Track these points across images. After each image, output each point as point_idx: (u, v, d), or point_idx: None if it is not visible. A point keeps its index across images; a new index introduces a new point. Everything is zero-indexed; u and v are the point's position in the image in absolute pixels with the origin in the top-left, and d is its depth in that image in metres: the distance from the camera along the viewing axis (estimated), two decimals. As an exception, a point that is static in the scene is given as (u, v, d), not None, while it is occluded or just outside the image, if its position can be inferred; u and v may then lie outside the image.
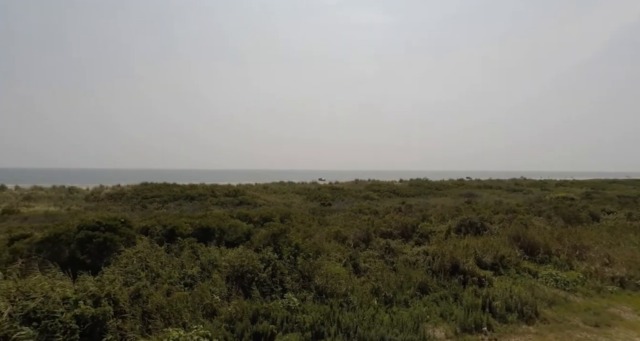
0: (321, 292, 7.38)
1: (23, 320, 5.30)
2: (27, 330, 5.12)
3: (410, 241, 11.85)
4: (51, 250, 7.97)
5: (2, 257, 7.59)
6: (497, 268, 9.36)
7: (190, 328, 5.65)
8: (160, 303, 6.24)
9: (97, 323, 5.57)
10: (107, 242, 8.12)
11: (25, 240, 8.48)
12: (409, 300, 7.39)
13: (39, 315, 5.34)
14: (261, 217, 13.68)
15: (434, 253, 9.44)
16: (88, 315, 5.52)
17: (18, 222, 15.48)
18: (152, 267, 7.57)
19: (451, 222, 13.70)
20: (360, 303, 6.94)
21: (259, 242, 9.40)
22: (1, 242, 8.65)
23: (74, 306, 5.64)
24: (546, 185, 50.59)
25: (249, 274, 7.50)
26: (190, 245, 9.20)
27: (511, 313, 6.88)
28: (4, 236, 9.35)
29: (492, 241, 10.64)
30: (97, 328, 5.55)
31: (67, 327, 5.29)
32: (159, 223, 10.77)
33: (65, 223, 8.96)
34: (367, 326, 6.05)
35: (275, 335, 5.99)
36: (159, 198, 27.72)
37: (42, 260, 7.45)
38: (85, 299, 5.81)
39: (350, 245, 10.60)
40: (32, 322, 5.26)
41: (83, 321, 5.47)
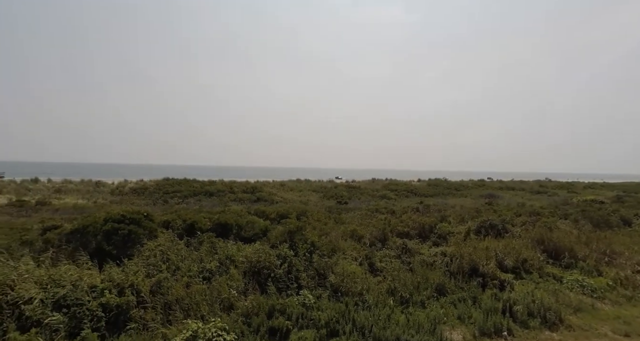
0: (336, 290, 7.39)
1: (54, 306, 5.60)
2: (57, 315, 5.41)
3: (427, 241, 11.65)
4: (80, 240, 8.37)
5: (36, 246, 8.04)
6: (518, 271, 9.06)
7: (209, 320, 5.80)
8: (179, 296, 6.43)
9: (121, 312, 5.81)
10: (131, 234, 8.43)
11: (56, 230, 8.94)
12: (425, 301, 7.27)
13: (68, 302, 5.63)
14: (278, 214, 13.82)
15: (452, 255, 9.23)
16: (113, 304, 5.77)
17: (50, 213, 16.35)
18: (173, 260, 7.81)
19: (471, 223, 13.35)
20: (375, 303, 6.90)
21: (276, 238, 9.50)
22: (34, 232, 9.17)
23: (100, 295, 5.91)
24: (573, 188, 48.39)
25: (266, 270, 7.60)
26: (209, 239, 9.42)
27: (533, 318, 6.64)
28: (37, 226, 9.91)
29: (514, 244, 10.29)
30: (121, 317, 5.79)
31: (94, 315, 5.56)
32: (179, 217, 11.08)
33: (93, 216, 9.39)
34: (382, 326, 6.01)
35: (290, 330, 6.05)
36: (179, 193, 28.54)
37: (72, 250, 7.85)
38: (110, 288, 6.08)
39: (366, 244, 10.54)
40: (62, 309, 5.56)
41: (108, 310, 5.73)
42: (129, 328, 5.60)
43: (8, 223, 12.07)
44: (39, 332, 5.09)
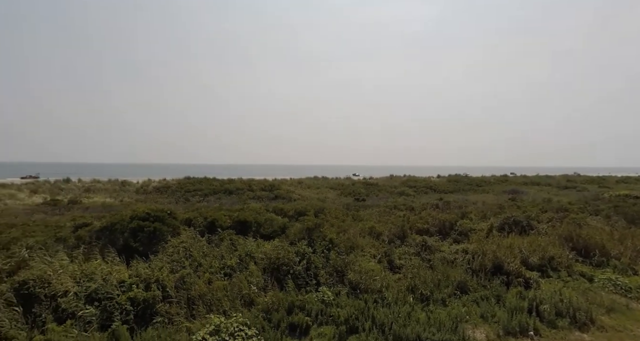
0: (355, 287, 7.38)
1: (86, 299, 5.91)
2: (90, 308, 5.71)
3: (448, 239, 11.41)
4: (108, 237, 8.77)
5: (69, 243, 8.50)
6: (545, 269, 8.72)
7: (230, 315, 5.95)
8: (202, 291, 6.62)
9: (148, 306, 6.06)
10: (156, 231, 8.75)
11: (87, 227, 9.41)
12: (446, 299, 7.14)
13: (99, 296, 5.93)
14: (296, 211, 13.93)
15: (474, 252, 9.01)
16: (140, 298, 6.02)
17: (80, 212, 17.22)
18: (195, 257, 8.04)
19: (493, 219, 12.95)
20: (395, 300, 6.84)
21: (294, 235, 9.59)
22: (67, 229, 9.69)
23: (128, 290, 6.18)
24: (605, 182, 45.92)
25: (285, 267, 7.70)
26: (229, 237, 9.63)
27: (562, 318, 6.38)
28: (69, 224, 10.47)
29: (540, 241, 9.91)
30: (148, 311, 6.03)
31: (123, 308, 5.82)
32: (200, 215, 11.39)
33: (120, 214, 9.81)
34: (402, 323, 5.96)
35: (310, 326, 6.11)
36: (200, 191, 29.31)
37: (102, 247, 8.24)
38: (137, 283, 6.35)
39: (384, 241, 10.45)
40: (94, 302, 5.86)
41: (136, 304, 5.98)
42: (156, 322, 5.83)
43: (44, 221, 12.82)
44: (74, 324, 5.39)
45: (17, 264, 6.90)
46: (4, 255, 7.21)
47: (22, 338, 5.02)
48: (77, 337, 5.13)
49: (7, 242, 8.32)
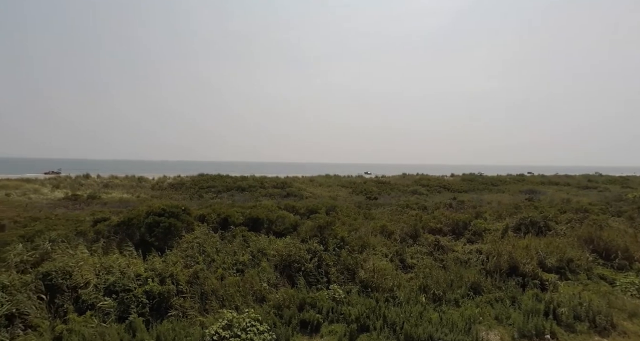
0: (366, 286, 7.36)
1: (105, 291, 6.12)
2: (108, 300, 5.90)
3: (461, 238, 11.22)
4: (125, 232, 9.02)
5: (88, 236, 8.79)
6: (563, 272, 8.47)
7: (242, 311, 6.04)
8: (215, 286, 6.75)
9: (163, 300, 6.22)
10: (171, 227, 8.94)
11: (105, 222, 9.70)
12: (459, 299, 7.04)
13: (117, 288, 6.12)
14: (307, 209, 13.96)
15: (489, 253, 8.84)
16: (156, 292, 6.18)
17: (99, 207, 17.78)
18: (208, 252, 8.19)
19: (509, 220, 12.65)
20: (407, 300, 6.79)
21: (306, 233, 9.62)
22: (87, 224, 10.02)
23: (144, 283, 6.35)
24: (628, 182, 44.11)
25: (296, 264, 7.75)
26: (242, 233, 9.75)
27: (580, 322, 6.20)
28: (89, 218, 10.82)
29: (558, 242, 9.63)
30: (163, 304, 6.19)
31: (139, 301, 5.99)
32: (214, 211, 11.57)
33: (136, 209, 10.07)
34: (414, 323, 5.91)
35: (321, 324, 6.14)
36: (213, 188, 29.78)
37: (119, 241, 8.49)
38: (153, 277, 6.52)
39: (396, 240, 10.37)
40: (112, 294, 6.06)
41: (152, 297, 6.15)
42: (170, 315, 5.98)
43: (65, 215, 13.30)
44: (93, 314, 5.59)
45: (40, 256, 7.20)
46: (29, 247, 7.53)
47: (45, 326, 5.24)
48: (97, 328, 5.31)
49: (32, 234, 8.68)
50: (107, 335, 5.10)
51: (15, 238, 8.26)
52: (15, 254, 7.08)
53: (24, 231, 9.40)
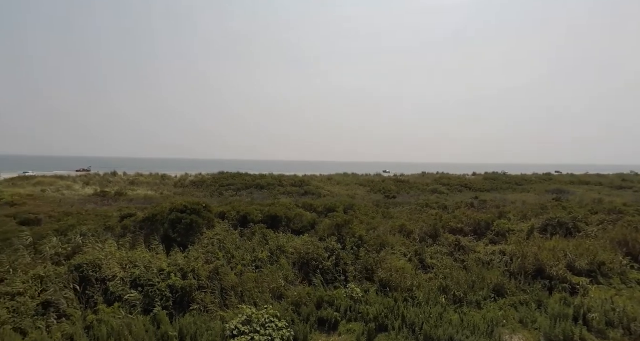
0: (385, 285, 7.29)
1: (131, 284, 6.38)
2: (135, 293, 6.16)
3: (483, 239, 10.90)
4: (150, 227, 9.37)
5: (116, 231, 9.20)
6: (594, 276, 8.06)
7: (261, 307, 6.13)
8: (234, 282, 6.89)
9: (185, 294, 6.41)
10: (193, 223, 9.21)
11: (132, 218, 10.11)
12: (481, 301, 6.84)
13: (142, 282, 6.37)
14: (325, 208, 13.98)
15: (513, 254, 8.53)
16: (178, 286, 6.38)
17: (126, 203, 18.53)
18: (228, 249, 8.37)
19: (534, 220, 12.16)
20: (426, 300, 6.67)
21: (324, 231, 9.64)
22: (115, 219, 10.48)
23: (167, 278, 6.58)
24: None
25: (314, 262, 7.78)
26: (261, 231, 9.90)
27: (613, 328, 5.88)
28: (116, 214, 11.31)
29: (588, 244, 9.16)
30: (185, 298, 6.39)
31: (163, 295, 6.21)
32: (233, 209, 11.80)
33: (160, 206, 10.42)
34: (434, 324, 5.80)
35: (339, 322, 6.15)
36: (233, 186, 30.36)
37: (145, 236, 8.83)
38: (175, 272, 6.73)
39: (416, 240, 10.20)
40: (137, 287, 6.31)
41: (175, 291, 6.35)
42: (192, 309, 6.16)
43: (94, 211, 13.97)
44: (121, 306, 5.85)
45: (73, 249, 7.61)
46: (63, 240, 7.97)
47: (77, 316, 5.54)
48: (124, 319, 5.55)
49: (65, 228, 9.18)
50: (133, 326, 5.31)
51: (50, 232, 8.77)
52: (50, 247, 7.53)
53: (58, 225, 9.96)
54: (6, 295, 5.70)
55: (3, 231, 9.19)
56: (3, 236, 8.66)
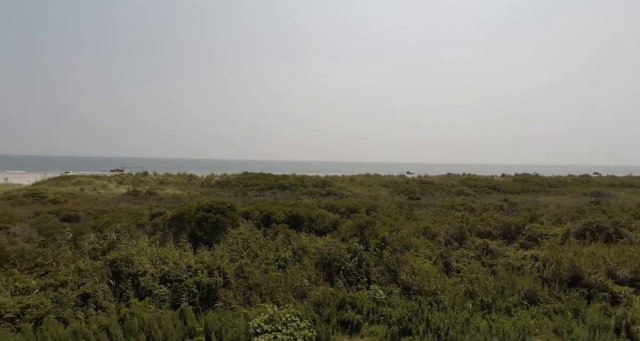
0: (408, 288, 7.15)
1: (161, 280, 6.66)
2: (164, 288, 6.42)
3: (513, 243, 10.41)
4: (178, 226, 9.74)
5: (146, 229, 9.64)
6: (638, 285, 7.47)
7: (283, 306, 6.20)
8: (258, 281, 7.01)
9: (211, 291, 6.61)
10: (218, 222, 9.47)
11: (161, 216, 10.56)
12: (511, 308, 6.54)
13: (171, 278, 6.63)
14: (347, 208, 13.91)
15: (546, 259, 8.10)
16: (204, 283, 6.59)
17: (156, 202, 19.37)
18: (252, 248, 8.54)
19: (570, 224, 11.46)
20: (452, 305, 6.48)
21: (346, 232, 9.61)
22: (145, 217, 10.99)
23: (194, 274, 6.81)
24: None
25: (336, 262, 7.76)
26: (283, 230, 10.02)
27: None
28: (147, 212, 11.85)
29: (632, 251, 8.51)
30: (210, 295, 6.58)
31: (190, 291, 6.43)
32: (257, 208, 12.02)
33: (187, 205, 10.82)
34: (460, 329, 5.62)
35: (361, 324, 6.09)
36: (256, 186, 30.94)
37: (173, 234, 9.19)
38: (202, 269, 6.96)
39: (440, 243, 9.92)
40: (166, 283, 6.57)
41: (201, 288, 6.56)
42: (217, 306, 6.34)
43: (127, 209, 14.71)
44: (151, 301, 6.12)
45: (108, 245, 8.06)
46: (99, 236, 8.47)
47: (112, 308, 5.86)
48: (154, 313, 5.80)
49: (101, 225, 9.75)
50: (162, 321, 5.54)
51: (88, 228, 9.34)
52: (88, 242, 8.02)
53: (95, 222, 10.59)
54: (50, 286, 6.14)
55: (48, 227, 9.90)
56: (47, 231, 9.33)
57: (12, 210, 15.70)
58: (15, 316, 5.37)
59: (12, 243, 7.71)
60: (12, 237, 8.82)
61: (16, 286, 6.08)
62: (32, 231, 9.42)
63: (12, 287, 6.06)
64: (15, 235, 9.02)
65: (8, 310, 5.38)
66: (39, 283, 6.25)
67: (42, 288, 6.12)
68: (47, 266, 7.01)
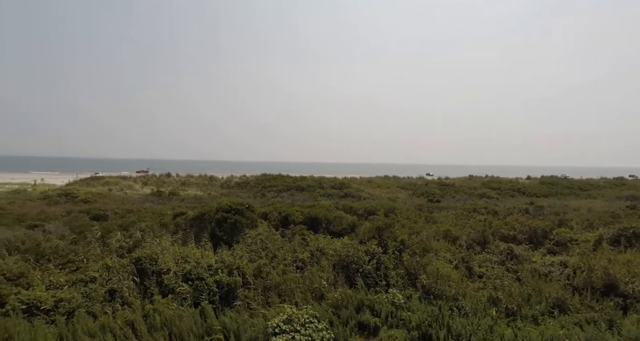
0: (428, 292, 6.99)
1: (183, 278, 6.85)
2: (185, 286, 6.60)
3: (540, 248, 9.97)
4: (199, 226, 10.00)
5: (169, 228, 9.96)
6: (681, 296, 6.95)
7: (301, 307, 6.21)
8: (277, 281, 7.07)
9: (230, 290, 6.72)
10: (237, 223, 9.64)
11: (183, 216, 10.88)
12: (538, 316, 6.25)
13: (192, 276, 6.80)
14: (365, 210, 13.80)
15: (577, 266, 7.70)
16: (224, 282, 6.71)
17: (178, 202, 19.99)
18: (270, 249, 8.62)
19: (603, 230, 10.83)
20: (474, 311, 6.27)
21: (364, 234, 9.52)
22: (168, 217, 11.35)
23: (214, 273, 6.95)
24: None
25: (354, 265, 7.71)
26: (301, 232, 10.06)
27: None
28: (170, 212, 12.24)
29: (674, 260, 7.94)
30: (230, 294, 6.70)
31: (211, 289, 6.57)
32: (275, 210, 12.16)
33: (208, 205, 11.08)
34: (483, 337, 5.43)
35: (379, 328, 6.01)
36: (275, 187, 31.30)
37: (195, 233, 9.43)
38: (222, 268, 7.09)
39: (462, 246, 9.65)
40: (188, 281, 6.75)
41: (221, 287, 6.69)
42: (236, 305, 6.44)
43: (151, 209, 15.27)
44: (173, 298, 6.30)
45: (134, 243, 8.38)
46: (125, 235, 8.82)
47: (137, 305, 6.08)
48: (176, 310, 5.97)
49: (127, 224, 10.17)
50: (184, 318, 5.69)
51: (115, 227, 9.76)
52: (115, 240, 8.38)
53: (121, 221, 11.05)
54: (81, 282, 6.45)
55: (79, 225, 10.44)
56: (79, 229, 9.84)
57: (48, 208, 16.68)
58: (50, 308, 5.69)
59: (47, 240, 8.17)
60: (47, 234, 9.36)
61: (50, 281, 6.44)
62: (65, 229, 9.96)
63: (47, 281, 6.42)
64: (50, 232, 9.57)
65: (44, 303, 5.70)
66: (70, 279, 6.59)
67: (73, 283, 6.44)
68: (77, 263, 7.38)
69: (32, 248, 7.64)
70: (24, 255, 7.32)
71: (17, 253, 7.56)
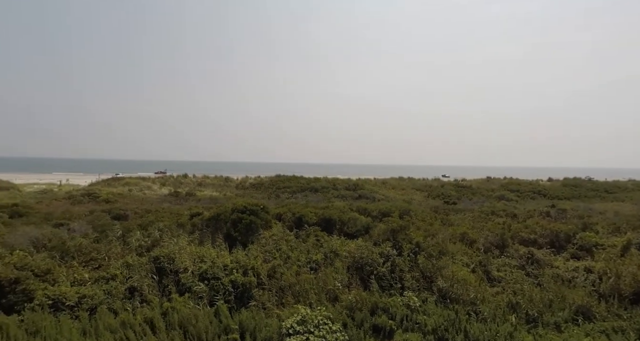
0: (444, 296, 6.85)
1: (199, 277, 6.98)
2: (202, 285, 6.72)
3: (563, 253, 9.60)
4: (214, 226, 10.17)
5: (186, 228, 10.18)
6: None
7: (315, 308, 6.21)
8: (291, 282, 7.10)
9: (245, 290, 6.79)
10: (252, 223, 9.75)
11: (199, 217, 11.09)
12: (561, 324, 6.02)
13: (208, 276, 6.92)
14: (380, 212, 13.68)
15: (603, 272, 7.38)
16: (239, 282, 6.79)
17: (194, 202, 20.40)
18: (284, 250, 8.67)
19: (631, 234, 10.33)
20: (492, 316, 6.10)
21: (378, 236, 9.44)
22: (185, 217, 11.60)
23: (230, 273, 7.05)
24: None
25: (368, 267, 7.65)
26: (315, 233, 10.07)
27: None
28: (187, 212, 12.51)
29: None
30: (245, 294, 6.77)
31: (226, 289, 6.66)
32: (289, 211, 12.21)
33: (223, 206, 11.26)
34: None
35: (394, 331, 5.93)
36: (289, 188, 31.47)
37: (210, 233, 9.60)
38: (237, 268, 7.18)
39: (479, 250, 9.41)
40: (204, 280, 6.87)
41: (236, 286, 6.77)
42: (250, 305, 6.50)
43: (169, 209, 15.65)
44: (190, 297, 6.43)
45: (152, 242, 8.61)
46: (144, 234, 9.08)
47: (155, 302, 6.24)
48: (192, 309, 6.09)
49: (146, 224, 10.46)
50: (200, 317, 5.80)
51: (135, 226, 10.05)
52: (135, 239, 8.64)
53: (141, 221, 11.38)
54: (102, 279, 6.68)
55: (101, 224, 10.81)
56: (101, 228, 10.20)
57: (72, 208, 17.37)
58: (74, 304, 5.92)
59: (71, 239, 8.51)
60: (72, 232, 9.75)
61: (75, 278, 6.70)
62: (88, 227, 10.34)
63: (71, 278, 6.69)
64: (74, 231, 9.97)
65: (68, 299, 5.94)
66: (93, 276, 6.83)
67: (95, 280, 6.68)
68: (100, 260, 7.65)
69: (58, 246, 7.97)
70: (51, 253, 7.66)
71: (44, 250, 7.91)
